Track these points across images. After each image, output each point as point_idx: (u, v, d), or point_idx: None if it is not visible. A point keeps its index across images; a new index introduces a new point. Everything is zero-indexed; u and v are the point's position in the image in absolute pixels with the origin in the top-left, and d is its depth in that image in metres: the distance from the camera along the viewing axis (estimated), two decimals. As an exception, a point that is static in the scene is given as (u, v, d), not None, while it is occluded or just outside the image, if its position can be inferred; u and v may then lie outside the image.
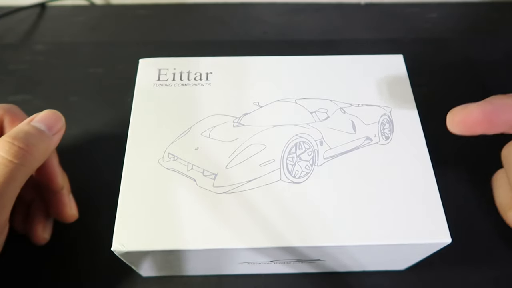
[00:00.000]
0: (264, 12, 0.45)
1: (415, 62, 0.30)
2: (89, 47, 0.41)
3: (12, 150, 0.22)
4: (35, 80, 0.38)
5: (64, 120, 0.25)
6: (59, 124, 0.25)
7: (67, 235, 0.29)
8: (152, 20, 0.44)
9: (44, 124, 0.24)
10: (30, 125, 0.24)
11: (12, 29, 0.43)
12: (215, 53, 0.30)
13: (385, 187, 0.23)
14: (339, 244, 0.22)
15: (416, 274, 0.29)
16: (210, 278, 0.29)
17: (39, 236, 0.28)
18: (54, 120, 0.25)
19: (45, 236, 0.28)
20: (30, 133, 0.23)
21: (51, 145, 0.24)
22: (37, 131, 0.23)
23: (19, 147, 0.22)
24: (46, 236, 0.28)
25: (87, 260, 0.29)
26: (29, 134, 0.23)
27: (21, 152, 0.22)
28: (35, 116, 0.24)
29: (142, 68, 0.28)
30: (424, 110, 0.27)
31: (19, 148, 0.22)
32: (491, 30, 0.44)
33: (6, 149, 0.22)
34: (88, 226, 0.29)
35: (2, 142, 0.22)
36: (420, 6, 0.46)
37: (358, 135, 0.25)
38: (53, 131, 0.24)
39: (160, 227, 0.22)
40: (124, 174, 0.23)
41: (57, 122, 0.25)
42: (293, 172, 0.24)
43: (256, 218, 0.22)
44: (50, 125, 0.24)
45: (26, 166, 0.22)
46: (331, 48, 0.41)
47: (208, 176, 0.23)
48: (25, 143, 0.22)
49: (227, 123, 0.25)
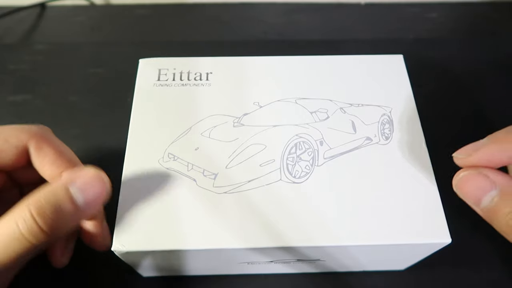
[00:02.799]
0: (264, 12, 0.45)
1: (415, 62, 0.30)
2: (89, 47, 0.41)
3: (32, 229, 0.19)
4: (35, 80, 0.38)
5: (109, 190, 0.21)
6: (102, 195, 0.20)
7: (67, 235, 0.29)
8: (152, 20, 0.44)
9: (84, 197, 0.20)
10: (66, 195, 0.19)
11: (12, 29, 0.43)
12: (215, 53, 0.30)
13: (385, 187, 0.23)
14: (339, 244, 0.22)
15: (416, 274, 0.29)
16: (210, 278, 0.29)
17: (58, 260, 0.26)
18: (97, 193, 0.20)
19: (64, 261, 0.26)
20: (61, 208, 0.19)
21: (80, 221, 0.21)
22: (71, 207, 0.19)
23: (41, 229, 0.19)
24: (65, 261, 0.26)
25: (87, 260, 0.29)
26: (59, 211, 0.19)
27: (42, 235, 0.19)
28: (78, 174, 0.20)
29: (142, 68, 0.28)
30: (424, 110, 0.27)
31: (41, 230, 0.19)
32: (491, 30, 0.44)
33: (25, 222, 0.19)
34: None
35: (24, 209, 0.19)
36: (420, 6, 0.46)
37: (358, 135, 0.25)
38: (91, 204, 0.20)
39: (160, 227, 0.22)
40: (124, 174, 0.23)
41: (100, 196, 0.20)
42: (293, 172, 0.24)
43: (256, 218, 0.22)
44: (90, 199, 0.20)
45: (40, 245, 0.20)
46: (331, 48, 0.41)
47: (208, 176, 0.23)
48: (50, 226, 0.19)
49: (227, 123, 0.25)
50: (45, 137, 0.24)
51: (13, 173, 0.26)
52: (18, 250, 0.19)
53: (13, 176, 0.26)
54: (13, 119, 0.36)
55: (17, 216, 0.19)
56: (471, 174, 0.20)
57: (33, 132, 0.24)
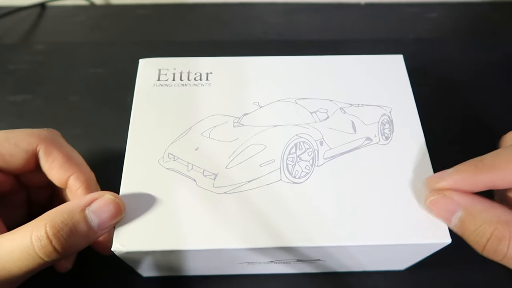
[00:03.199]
0: (264, 12, 0.45)
1: (415, 62, 0.30)
2: (89, 47, 0.41)
3: (47, 249, 0.19)
4: (35, 80, 0.38)
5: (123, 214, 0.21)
6: (115, 220, 0.21)
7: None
8: (152, 20, 0.44)
9: (99, 220, 0.20)
10: (82, 215, 0.20)
11: (12, 29, 0.43)
12: (215, 53, 0.30)
13: (385, 187, 0.23)
14: (339, 244, 0.22)
15: (416, 274, 0.29)
16: (210, 278, 0.29)
17: (62, 266, 0.27)
18: (112, 216, 0.21)
19: (68, 266, 0.27)
20: (76, 230, 0.20)
21: (92, 241, 0.21)
22: (86, 228, 0.20)
23: (55, 249, 0.19)
24: (69, 266, 0.27)
25: (88, 260, 0.29)
26: (74, 232, 0.20)
27: (54, 254, 0.19)
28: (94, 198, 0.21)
29: (142, 68, 0.28)
30: (424, 110, 0.27)
31: (55, 250, 0.19)
32: (491, 30, 0.44)
33: (39, 240, 0.19)
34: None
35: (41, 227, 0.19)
36: (420, 6, 0.46)
37: (358, 135, 0.25)
38: (104, 228, 0.21)
39: (160, 227, 0.22)
40: (124, 174, 0.23)
41: (114, 218, 0.21)
42: (293, 172, 0.24)
43: (256, 218, 0.22)
44: (105, 222, 0.21)
45: (51, 262, 0.20)
46: (331, 48, 0.41)
47: (208, 176, 0.23)
48: (63, 247, 0.19)
49: (227, 123, 0.25)
50: (55, 142, 0.24)
51: (22, 176, 0.26)
52: (29, 265, 0.20)
53: (21, 179, 0.26)
54: (13, 119, 0.36)
55: (33, 233, 0.19)
56: (438, 198, 0.22)
57: (43, 136, 0.24)
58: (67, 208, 0.20)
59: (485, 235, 0.20)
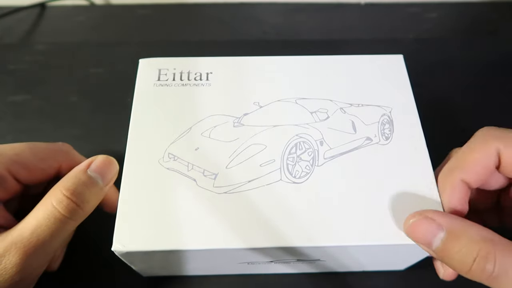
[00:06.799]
0: (264, 12, 0.45)
1: (415, 62, 0.30)
2: (89, 47, 0.41)
3: (67, 204, 0.22)
4: (35, 80, 0.38)
5: (118, 168, 0.24)
6: (113, 173, 0.24)
7: (67, 235, 0.29)
8: (152, 20, 0.44)
9: (100, 175, 0.23)
10: (87, 175, 0.23)
11: (12, 29, 0.43)
12: (215, 53, 0.30)
13: (385, 187, 0.23)
14: (339, 244, 0.22)
15: (416, 274, 0.29)
16: (210, 278, 0.29)
17: (48, 266, 0.27)
18: (109, 169, 0.24)
19: (54, 266, 0.28)
20: (86, 186, 0.22)
21: (102, 197, 0.24)
22: (93, 184, 0.23)
23: (74, 203, 0.22)
24: (55, 266, 0.28)
25: (87, 260, 0.29)
26: (85, 188, 0.22)
27: (75, 208, 0.22)
28: (91, 161, 0.24)
29: (142, 68, 0.28)
30: (424, 110, 0.27)
31: (74, 204, 0.22)
32: (491, 30, 0.44)
33: (61, 202, 0.22)
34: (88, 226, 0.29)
35: (58, 193, 0.22)
36: (420, 6, 0.46)
37: (358, 135, 0.25)
38: (107, 181, 0.24)
39: (160, 227, 0.22)
40: (124, 174, 0.23)
41: (112, 171, 0.24)
42: (293, 172, 0.24)
43: (257, 218, 0.22)
44: (105, 175, 0.24)
45: (75, 221, 0.22)
46: (331, 48, 0.41)
47: (209, 176, 0.23)
48: (80, 200, 0.22)
49: (227, 123, 0.25)
50: (75, 158, 0.27)
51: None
52: (59, 229, 0.22)
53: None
54: (13, 119, 0.36)
55: (52, 200, 0.22)
56: (418, 220, 0.21)
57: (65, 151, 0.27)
58: (71, 175, 0.23)
59: (471, 254, 0.19)
